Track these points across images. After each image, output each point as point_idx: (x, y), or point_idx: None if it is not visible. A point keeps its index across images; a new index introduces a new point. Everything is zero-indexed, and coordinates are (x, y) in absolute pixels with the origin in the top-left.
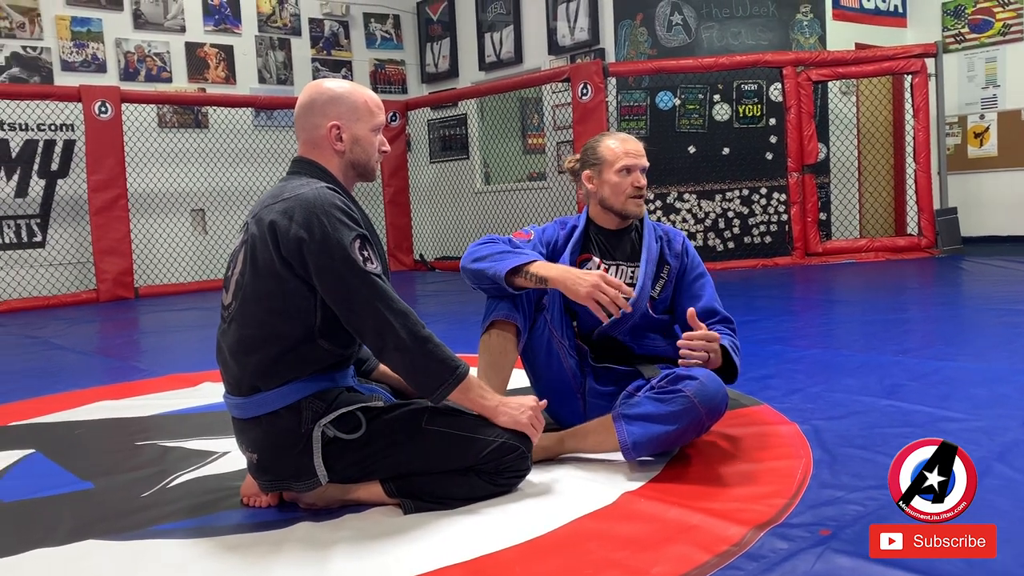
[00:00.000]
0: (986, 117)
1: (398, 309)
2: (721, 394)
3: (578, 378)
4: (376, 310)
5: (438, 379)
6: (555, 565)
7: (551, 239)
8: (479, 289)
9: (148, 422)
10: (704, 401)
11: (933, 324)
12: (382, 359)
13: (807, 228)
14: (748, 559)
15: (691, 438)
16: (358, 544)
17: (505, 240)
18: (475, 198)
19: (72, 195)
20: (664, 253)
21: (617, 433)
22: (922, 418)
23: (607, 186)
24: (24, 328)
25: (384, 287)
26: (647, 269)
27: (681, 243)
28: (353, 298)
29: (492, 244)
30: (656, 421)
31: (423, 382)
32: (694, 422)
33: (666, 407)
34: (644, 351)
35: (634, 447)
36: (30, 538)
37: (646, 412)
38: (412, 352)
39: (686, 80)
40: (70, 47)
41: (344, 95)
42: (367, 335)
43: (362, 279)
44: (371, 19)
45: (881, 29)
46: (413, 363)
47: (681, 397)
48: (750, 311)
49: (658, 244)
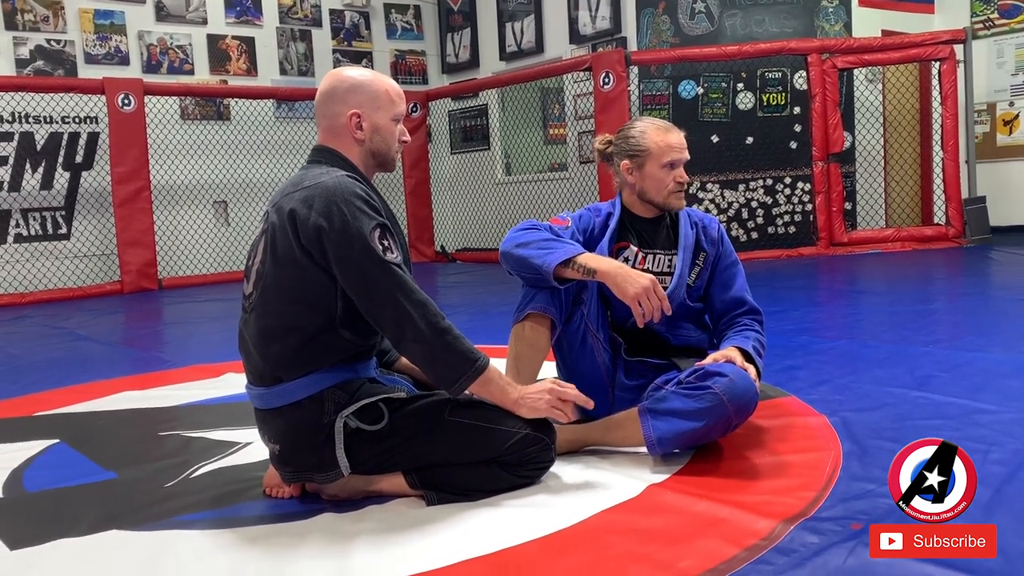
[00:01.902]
0: (1015, 104)
1: (418, 300)
2: (751, 392)
3: (610, 372)
4: (395, 300)
5: (457, 371)
6: (579, 559)
7: (587, 226)
8: (517, 275)
9: (171, 412)
10: (733, 399)
11: (962, 315)
12: (401, 350)
13: (832, 218)
14: (778, 553)
15: (718, 436)
16: (380, 535)
17: (546, 227)
18: (496, 189)
19: (96, 187)
20: (700, 240)
21: (643, 428)
22: (954, 410)
23: (649, 179)
24: (50, 319)
25: (404, 277)
26: (684, 256)
27: (717, 229)
28: (372, 288)
29: (534, 231)
30: (683, 417)
31: (442, 374)
32: (722, 419)
33: (694, 403)
34: (679, 341)
35: (659, 442)
36: (54, 528)
37: (673, 408)
38: (431, 343)
39: (709, 68)
40: (93, 40)
41: (365, 83)
42: (386, 325)
43: (382, 269)
44: (392, 10)
45: (908, 15)
46: (432, 355)
47: (710, 394)
48: (775, 302)
49: (694, 231)
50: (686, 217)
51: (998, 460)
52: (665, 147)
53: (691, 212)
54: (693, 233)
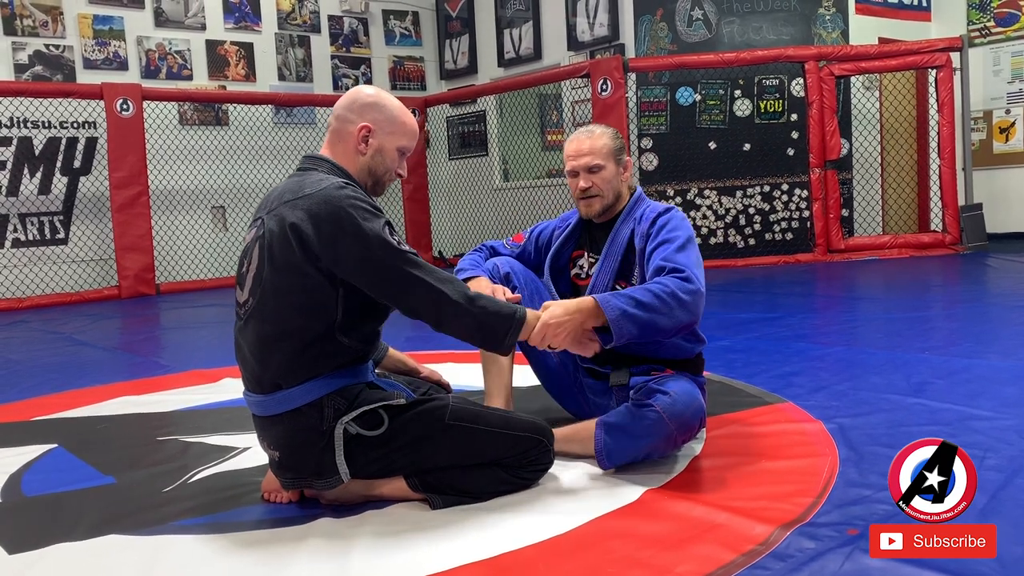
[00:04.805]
0: (1012, 112)
1: (443, 278)
2: (692, 410)
3: (571, 375)
4: (427, 284)
5: (503, 327)
6: (578, 564)
7: (546, 238)
8: None
9: (169, 417)
10: (673, 417)
11: (959, 321)
12: (443, 329)
13: (829, 225)
14: (775, 558)
15: (666, 451)
16: (379, 540)
17: (488, 247)
18: (494, 195)
19: (94, 192)
20: (633, 240)
21: (595, 441)
22: (950, 416)
23: (571, 189)
24: (47, 324)
25: (424, 262)
26: (604, 265)
27: (653, 219)
28: (401, 280)
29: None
30: (628, 434)
31: (489, 336)
32: (664, 437)
33: (637, 421)
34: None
35: (608, 456)
36: (52, 532)
37: (621, 423)
38: (471, 312)
39: (707, 75)
40: (92, 45)
41: (389, 107)
42: (423, 310)
43: (404, 260)
44: (390, 16)
45: (905, 23)
46: (475, 323)
47: (651, 412)
48: (772, 308)
49: (628, 233)
50: (629, 221)
51: (994, 466)
52: (567, 156)
53: (648, 210)
54: (627, 235)
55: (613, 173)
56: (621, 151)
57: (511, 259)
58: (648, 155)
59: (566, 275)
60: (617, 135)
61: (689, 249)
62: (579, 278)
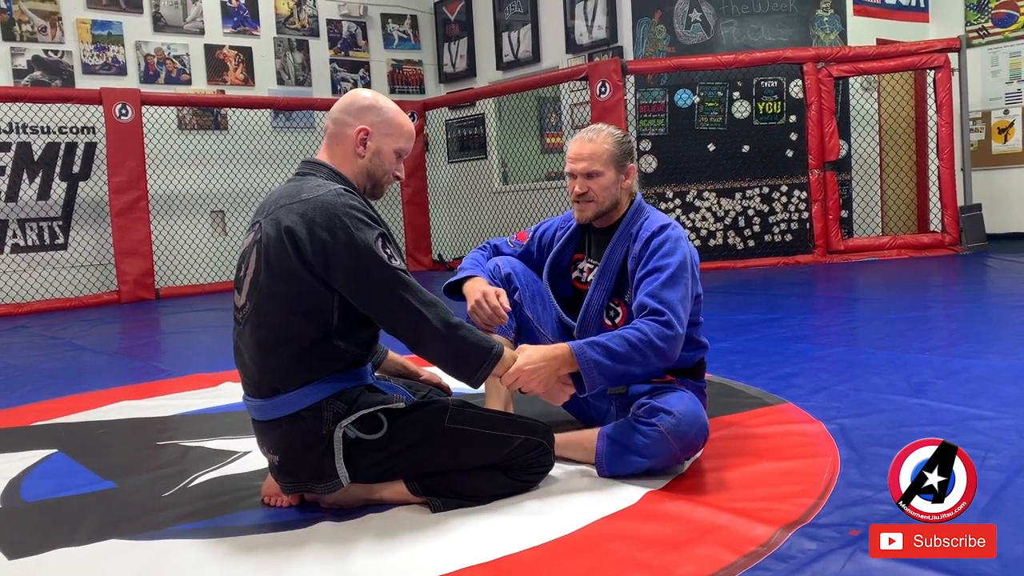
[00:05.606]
0: (1010, 112)
1: (427, 300)
2: (696, 429)
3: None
4: (408, 304)
5: (478, 359)
6: (579, 565)
7: (548, 238)
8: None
9: (169, 422)
10: (677, 437)
11: (959, 322)
12: (417, 351)
13: (828, 226)
14: (776, 560)
15: (668, 467)
16: (380, 544)
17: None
18: (493, 198)
19: (93, 197)
20: (627, 258)
21: (596, 451)
22: (951, 416)
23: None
24: (47, 329)
25: (411, 281)
26: (599, 281)
27: (647, 240)
28: (384, 295)
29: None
30: (630, 450)
31: (463, 367)
32: (668, 455)
33: (641, 438)
34: None
35: (608, 468)
36: (52, 537)
37: (624, 438)
38: (448, 340)
39: (705, 77)
40: (91, 50)
41: (386, 110)
42: (401, 329)
43: (391, 276)
44: (388, 19)
45: (903, 24)
46: (450, 350)
47: (655, 431)
48: (772, 309)
49: (623, 250)
50: (624, 238)
51: (995, 466)
52: (567, 157)
53: (644, 227)
54: (621, 255)
55: (612, 180)
56: (625, 156)
57: (513, 259)
58: (647, 157)
59: (567, 278)
60: (624, 139)
61: (677, 281)
62: (580, 281)
